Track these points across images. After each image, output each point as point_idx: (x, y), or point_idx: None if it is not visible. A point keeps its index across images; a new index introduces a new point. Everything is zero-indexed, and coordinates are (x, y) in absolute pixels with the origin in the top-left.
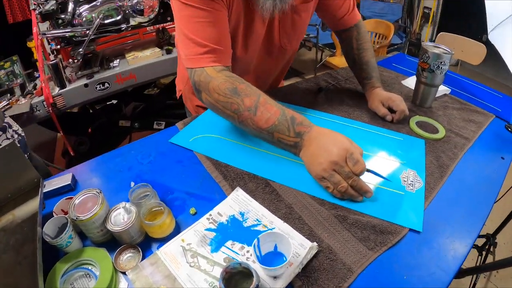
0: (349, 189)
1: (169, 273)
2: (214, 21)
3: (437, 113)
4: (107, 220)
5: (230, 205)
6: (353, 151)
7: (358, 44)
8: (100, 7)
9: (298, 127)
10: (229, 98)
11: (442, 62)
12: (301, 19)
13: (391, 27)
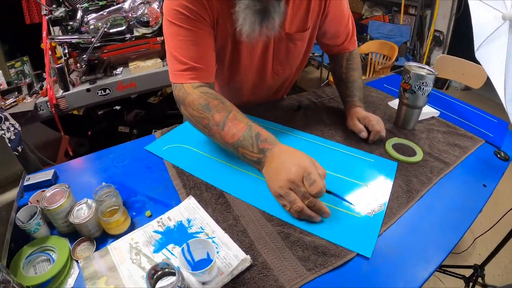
0: (305, 209)
1: (113, 266)
2: (197, 40)
3: (419, 135)
4: (70, 213)
5: (181, 211)
6: (311, 171)
7: (348, 63)
8: (106, 17)
9: (262, 144)
10: (201, 113)
11: (424, 83)
12: (296, 47)
13: (395, 48)
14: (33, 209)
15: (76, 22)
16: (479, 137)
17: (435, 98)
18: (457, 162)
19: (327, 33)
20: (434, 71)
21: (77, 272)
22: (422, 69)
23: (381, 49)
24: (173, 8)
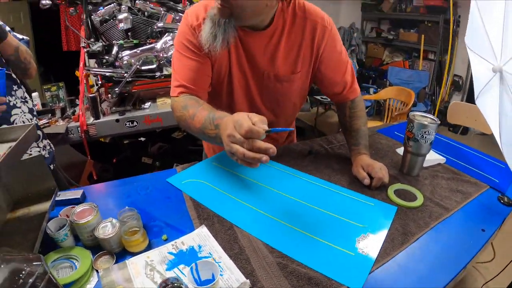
0: (247, 153)
1: (129, 278)
2: (194, 68)
3: (423, 181)
4: (96, 228)
5: (193, 238)
6: (240, 119)
7: (350, 112)
8: (139, 54)
9: (216, 121)
10: (181, 112)
11: (426, 132)
12: (283, 87)
13: (412, 95)
14: (62, 222)
15: (111, 57)
16: (483, 183)
17: (443, 145)
18: (458, 208)
19: (323, 80)
20: (436, 120)
21: (96, 281)
22: (426, 118)
23: (399, 96)
24: (179, 40)
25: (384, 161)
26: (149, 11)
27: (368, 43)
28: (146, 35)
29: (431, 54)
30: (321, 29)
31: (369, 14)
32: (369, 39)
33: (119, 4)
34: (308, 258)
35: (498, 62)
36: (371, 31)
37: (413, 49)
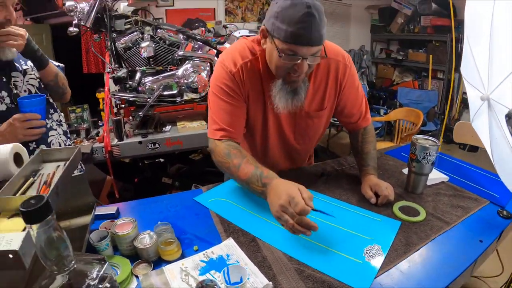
0: (295, 226)
1: (166, 281)
2: (229, 110)
3: (426, 199)
4: (135, 239)
5: (222, 248)
6: (295, 196)
7: (362, 138)
8: (161, 80)
9: (264, 179)
10: (224, 158)
11: (427, 153)
12: (313, 123)
13: (421, 115)
14: (103, 233)
15: (134, 82)
16: (484, 198)
17: (447, 164)
18: (458, 221)
19: (342, 112)
20: (437, 142)
21: (136, 284)
22: (427, 141)
23: (408, 116)
24: (216, 83)
25: (391, 180)
26: (170, 39)
27: (378, 64)
28: (167, 62)
29: (440, 73)
30: (343, 68)
31: (378, 36)
32: (378, 60)
33: (141, 33)
34: (322, 265)
35: (485, 91)
36: (381, 52)
37: (422, 69)
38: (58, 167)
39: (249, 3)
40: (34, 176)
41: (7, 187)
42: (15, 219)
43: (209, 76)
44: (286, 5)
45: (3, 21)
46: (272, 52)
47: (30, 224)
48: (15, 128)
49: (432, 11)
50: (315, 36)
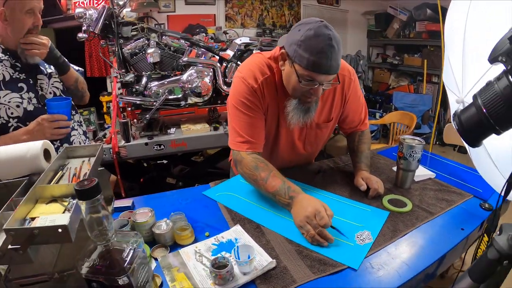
0: (316, 236)
1: (182, 261)
2: (252, 122)
3: (413, 193)
4: (153, 226)
5: (230, 233)
6: (321, 211)
7: (359, 138)
8: (166, 85)
9: (291, 193)
10: (252, 171)
11: (413, 151)
12: (322, 132)
13: (414, 118)
14: (123, 222)
15: (140, 87)
16: (467, 193)
17: (435, 162)
18: (442, 212)
19: (345, 120)
20: (422, 141)
21: (154, 266)
22: (413, 140)
23: (402, 119)
24: (239, 98)
25: (382, 177)
26: (175, 46)
27: (374, 69)
28: (172, 67)
29: (434, 77)
30: (348, 81)
31: (374, 41)
32: (375, 64)
33: (147, 39)
34: (318, 247)
35: (460, 94)
36: (377, 57)
37: (418, 73)
38: (83, 162)
39: (248, 9)
40: (62, 170)
41: (42, 178)
42: (52, 205)
43: (213, 81)
44: (310, 35)
45: (31, 27)
46: (290, 75)
47: (83, 200)
48: (44, 127)
49: (427, 17)
50: (334, 65)
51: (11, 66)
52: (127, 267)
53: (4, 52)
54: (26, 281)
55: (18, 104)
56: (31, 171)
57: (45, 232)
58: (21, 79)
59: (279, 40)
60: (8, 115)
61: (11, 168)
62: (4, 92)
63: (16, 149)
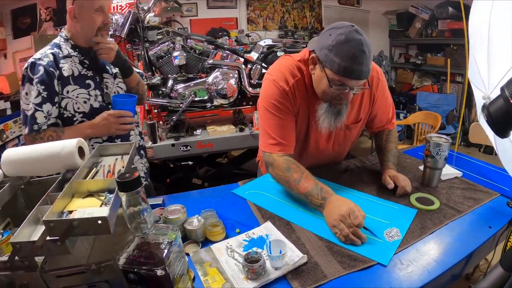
0: (350, 235)
1: (214, 257)
2: (283, 124)
3: (440, 191)
4: (185, 222)
5: (261, 230)
6: (355, 210)
7: (387, 137)
8: (192, 87)
9: (324, 194)
10: (284, 173)
11: (440, 149)
12: (351, 133)
13: (439, 118)
14: (155, 218)
15: (167, 89)
16: (494, 191)
17: (461, 161)
18: (469, 210)
19: (373, 120)
20: (449, 139)
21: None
22: (440, 139)
23: (426, 120)
24: (270, 100)
25: (408, 175)
26: (200, 49)
27: (397, 69)
28: (197, 70)
29: (458, 76)
30: (376, 82)
31: (396, 40)
32: (398, 65)
33: (173, 43)
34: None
35: (486, 90)
36: (400, 57)
37: (441, 73)
38: (117, 159)
39: (270, 12)
40: (96, 167)
41: (78, 174)
42: (88, 199)
43: (238, 83)
44: (341, 40)
45: (101, 26)
46: (321, 79)
47: (124, 192)
48: (110, 122)
49: (449, 15)
50: (364, 71)
51: (80, 63)
52: (164, 258)
53: (73, 48)
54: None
55: (85, 100)
56: (65, 168)
57: (84, 224)
58: (89, 76)
59: (309, 43)
60: (74, 110)
61: (47, 164)
62: (73, 87)
63: (52, 146)
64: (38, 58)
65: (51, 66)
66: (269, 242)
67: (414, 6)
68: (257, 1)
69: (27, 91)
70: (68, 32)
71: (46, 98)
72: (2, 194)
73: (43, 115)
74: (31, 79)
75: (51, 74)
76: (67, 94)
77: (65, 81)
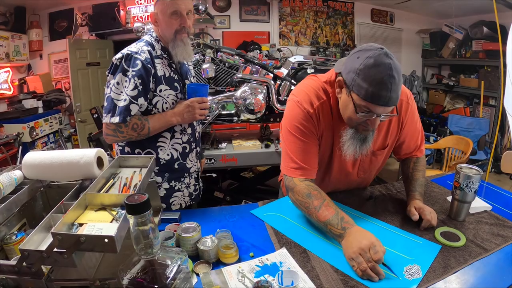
0: (368, 270)
1: (224, 280)
2: (306, 148)
3: (468, 226)
4: (198, 242)
5: (275, 256)
6: (376, 245)
7: (414, 166)
8: (220, 100)
9: (344, 224)
10: (304, 199)
11: (470, 182)
12: (377, 160)
13: (470, 144)
14: (169, 234)
15: None
16: None
17: (491, 193)
18: (496, 249)
19: (401, 146)
20: (480, 171)
21: (195, 281)
22: (471, 170)
23: (457, 145)
24: (293, 123)
25: (435, 207)
26: (229, 62)
27: (429, 90)
28: (226, 83)
29: (491, 99)
30: (405, 106)
31: (429, 60)
32: (430, 85)
33: (203, 55)
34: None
35: None
36: (432, 78)
37: (474, 95)
38: (135, 172)
39: (302, 27)
40: (113, 178)
41: (93, 186)
42: (100, 212)
43: (266, 99)
44: (369, 64)
45: (178, 28)
46: (347, 104)
47: (132, 214)
48: (194, 108)
49: (483, 35)
50: (393, 97)
51: (168, 65)
52: (169, 283)
53: (163, 50)
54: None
55: (173, 102)
56: (83, 177)
57: (91, 240)
58: (176, 79)
59: (336, 65)
60: (163, 108)
61: (65, 171)
62: (164, 86)
63: (72, 154)
64: (135, 52)
65: (149, 63)
66: (281, 271)
67: (448, 26)
68: (290, 16)
69: (119, 81)
70: (157, 33)
71: (141, 92)
72: (20, 195)
73: (137, 108)
74: (125, 70)
75: (149, 70)
76: (159, 93)
77: (159, 79)
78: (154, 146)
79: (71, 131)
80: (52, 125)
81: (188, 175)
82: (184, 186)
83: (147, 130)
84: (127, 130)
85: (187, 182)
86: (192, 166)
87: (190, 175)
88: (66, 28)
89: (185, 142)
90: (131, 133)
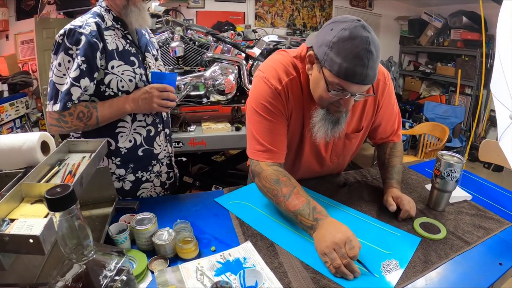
0: (342, 267)
1: (181, 279)
2: (274, 128)
3: (448, 216)
4: (154, 235)
5: (239, 251)
6: (352, 240)
7: (391, 151)
8: (189, 80)
9: (316, 215)
10: (272, 185)
11: (452, 170)
12: (351, 143)
13: (446, 131)
14: (122, 226)
15: None
16: (506, 220)
17: (471, 182)
18: (478, 242)
19: (376, 129)
20: (463, 159)
21: (150, 280)
22: (452, 158)
23: (433, 131)
24: (259, 101)
25: (413, 195)
26: (200, 41)
27: (405, 76)
28: (195, 63)
29: (468, 88)
30: (382, 86)
31: (407, 47)
32: (406, 72)
33: (172, 33)
34: (338, 278)
35: None
36: (409, 65)
37: (450, 83)
38: (84, 158)
39: (279, 8)
40: (59, 165)
41: (32, 174)
42: (37, 205)
43: (237, 79)
44: (344, 37)
45: None
46: (318, 81)
47: (54, 211)
48: (152, 96)
49: (462, 25)
50: (370, 74)
51: (123, 37)
52: None
53: (115, 20)
54: None
55: (131, 79)
56: (27, 164)
57: (15, 241)
58: (132, 53)
59: (307, 38)
60: (118, 88)
61: (6, 159)
62: (117, 62)
63: (13, 139)
64: (79, 26)
65: (94, 37)
66: (244, 271)
67: (427, 13)
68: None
69: (61, 61)
70: (107, 2)
71: (85, 72)
72: None
73: (80, 91)
74: (67, 48)
75: (94, 45)
76: (111, 70)
77: (110, 54)
78: (113, 133)
79: (38, 116)
80: (18, 109)
81: (157, 162)
82: (153, 176)
83: (95, 120)
84: (71, 119)
85: (157, 170)
86: (161, 152)
87: (160, 162)
88: (33, 7)
89: (150, 124)
90: (76, 122)
